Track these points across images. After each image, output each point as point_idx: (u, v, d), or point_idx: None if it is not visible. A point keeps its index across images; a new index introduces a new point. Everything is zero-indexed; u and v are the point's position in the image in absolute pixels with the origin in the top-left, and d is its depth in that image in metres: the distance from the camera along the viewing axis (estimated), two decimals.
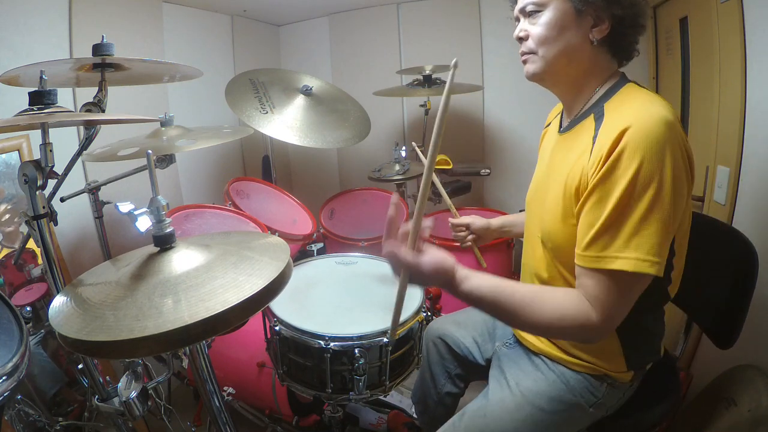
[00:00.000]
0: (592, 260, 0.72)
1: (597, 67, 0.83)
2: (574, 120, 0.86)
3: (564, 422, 0.91)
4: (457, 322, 1.20)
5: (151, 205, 0.71)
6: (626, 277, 0.70)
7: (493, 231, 1.24)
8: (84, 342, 0.58)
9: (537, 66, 0.83)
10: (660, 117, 0.68)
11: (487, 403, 0.95)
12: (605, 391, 0.89)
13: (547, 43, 0.80)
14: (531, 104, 2.30)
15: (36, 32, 1.47)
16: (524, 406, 0.91)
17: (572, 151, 0.81)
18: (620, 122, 0.70)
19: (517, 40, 0.85)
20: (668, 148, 0.68)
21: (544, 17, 0.80)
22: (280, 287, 0.69)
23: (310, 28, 2.75)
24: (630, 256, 0.69)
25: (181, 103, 2.07)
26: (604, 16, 0.77)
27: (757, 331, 0.97)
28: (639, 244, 0.68)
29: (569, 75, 0.84)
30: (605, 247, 0.70)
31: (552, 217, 0.83)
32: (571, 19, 0.78)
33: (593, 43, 0.80)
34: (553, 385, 0.91)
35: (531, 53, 0.83)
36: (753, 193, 1.22)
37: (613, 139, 0.69)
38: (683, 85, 1.66)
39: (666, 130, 0.68)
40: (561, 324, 0.74)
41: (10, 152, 1.43)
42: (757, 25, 1.17)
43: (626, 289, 0.72)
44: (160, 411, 1.12)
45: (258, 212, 1.66)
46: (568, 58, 0.81)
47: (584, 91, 0.85)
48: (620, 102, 0.78)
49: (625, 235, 0.69)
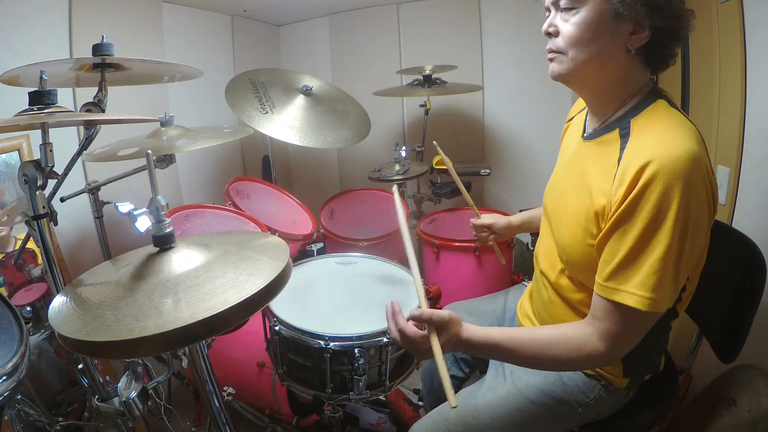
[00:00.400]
0: (610, 291, 0.72)
1: (629, 76, 0.77)
2: (599, 129, 0.83)
3: (550, 417, 0.91)
4: (468, 310, 1.21)
5: (151, 205, 0.71)
6: (639, 314, 0.70)
7: (515, 228, 1.25)
8: (84, 342, 0.58)
9: (564, 68, 0.77)
10: (685, 151, 0.66)
11: (481, 388, 0.98)
12: (597, 393, 0.89)
13: (579, 46, 0.74)
14: (531, 104, 2.31)
15: (36, 32, 1.47)
16: (514, 394, 0.92)
17: (596, 165, 0.79)
18: (645, 151, 0.68)
19: (545, 34, 0.79)
20: (691, 184, 0.65)
21: (580, 16, 0.73)
22: (279, 287, 0.69)
23: (310, 28, 2.75)
24: (645, 295, 0.68)
25: (181, 103, 2.07)
26: (645, 25, 0.71)
27: (758, 332, 0.97)
28: (656, 284, 0.68)
29: (598, 81, 0.79)
30: (624, 281, 0.70)
31: (569, 231, 0.82)
32: (609, 23, 0.72)
33: (630, 52, 0.74)
34: (546, 379, 0.92)
35: (559, 53, 0.77)
36: (753, 193, 1.22)
37: (637, 170, 0.67)
38: (683, 85, 1.65)
39: (691, 165, 0.65)
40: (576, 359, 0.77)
41: (10, 152, 1.43)
42: (757, 25, 1.17)
43: (636, 324, 0.73)
44: (160, 411, 1.13)
45: (258, 212, 1.66)
46: (600, 64, 0.75)
47: (612, 99, 0.80)
48: (648, 121, 0.74)
49: (644, 273, 0.68)
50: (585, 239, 0.78)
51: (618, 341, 0.74)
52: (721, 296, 0.99)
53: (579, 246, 0.80)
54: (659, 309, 0.69)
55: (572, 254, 0.82)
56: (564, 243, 0.85)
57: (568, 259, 0.84)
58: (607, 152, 0.77)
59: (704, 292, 0.83)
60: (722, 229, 1.08)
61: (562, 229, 0.85)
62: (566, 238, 0.83)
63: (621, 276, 0.71)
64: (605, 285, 0.73)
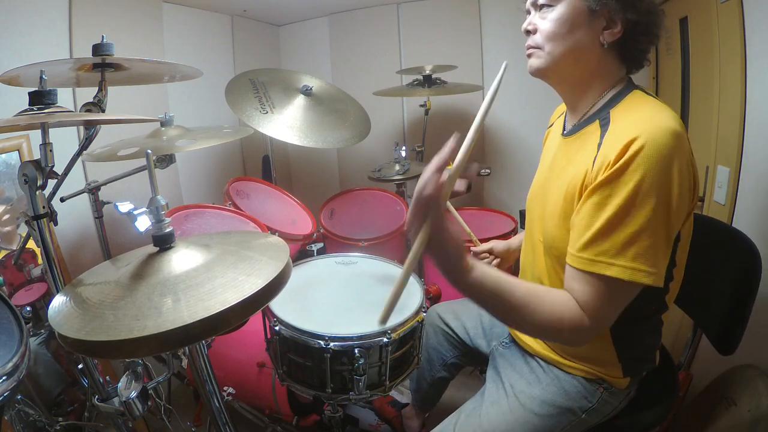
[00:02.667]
0: (587, 263, 0.71)
1: (604, 70, 0.80)
2: (579, 124, 0.85)
3: (556, 426, 0.90)
4: (454, 312, 1.23)
5: (151, 204, 0.71)
6: (620, 285, 0.69)
7: (515, 250, 1.22)
8: (83, 342, 0.58)
9: (541, 62, 0.80)
10: (668, 128, 0.67)
11: (482, 404, 0.96)
12: (600, 397, 0.89)
13: (555, 40, 0.78)
14: (531, 104, 2.31)
15: (36, 32, 1.47)
16: (517, 408, 0.91)
17: (575, 156, 0.80)
18: (627, 131, 0.69)
19: (524, 33, 0.83)
20: (675, 160, 0.67)
21: (556, 12, 0.77)
22: (279, 287, 0.69)
23: (310, 28, 2.75)
24: (626, 265, 0.67)
25: (181, 103, 2.06)
26: (618, 19, 0.75)
27: (757, 331, 0.97)
28: (637, 253, 0.67)
29: (574, 75, 0.82)
30: (602, 252, 0.69)
31: (554, 223, 0.82)
32: (583, 18, 0.76)
33: (603, 46, 0.77)
34: (547, 389, 0.91)
35: (537, 48, 0.81)
36: (753, 193, 1.22)
37: (620, 148, 0.68)
38: (683, 85, 1.65)
39: (674, 142, 0.67)
40: (557, 327, 0.72)
41: (10, 152, 1.43)
42: (757, 25, 1.17)
43: (618, 296, 0.71)
44: (160, 411, 1.13)
45: (258, 212, 1.66)
46: (575, 57, 0.79)
47: (589, 93, 0.83)
48: (626, 109, 0.76)
49: (623, 242, 0.68)
50: (566, 224, 0.78)
51: (600, 314, 0.71)
52: (720, 293, 0.99)
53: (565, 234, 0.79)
54: (641, 279, 0.68)
55: (561, 245, 0.81)
56: (551, 234, 0.84)
57: (559, 254, 0.82)
58: (587, 142, 0.78)
59: (702, 289, 0.84)
60: (722, 228, 1.09)
61: (548, 225, 0.85)
62: (552, 230, 0.83)
63: (599, 245, 0.69)
64: (580, 256, 0.71)
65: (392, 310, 0.63)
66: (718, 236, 1.05)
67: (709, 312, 1.04)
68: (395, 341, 1.02)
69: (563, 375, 0.91)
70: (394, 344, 1.03)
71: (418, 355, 1.16)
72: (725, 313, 0.98)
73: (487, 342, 1.14)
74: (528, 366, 0.97)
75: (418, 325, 1.10)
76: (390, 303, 0.63)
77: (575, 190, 0.76)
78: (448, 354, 1.24)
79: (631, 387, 0.91)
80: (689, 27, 1.58)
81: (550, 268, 0.88)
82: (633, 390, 0.92)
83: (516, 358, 1.00)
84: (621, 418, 0.93)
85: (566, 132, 0.89)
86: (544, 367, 0.95)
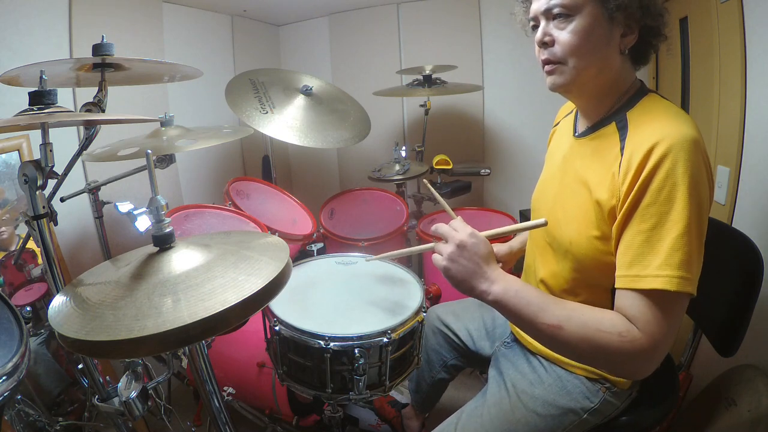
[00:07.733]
0: (633, 280, 0.68)
1: (621, 77, 0.79)
2: (594, 126, 0.83)
3: (558, 427, 0.90)
4: (455, 313, 1.23)
5: (151, 204, 0.71)
6: (668, 297, 0.66)
7: (516, 252, 1.21)
8: (83, 342, 0.58)
9: (566, 78, 0.76)
10: (689, 132, 0.67)
11: (484, 404, 0.96)
12: (602, 397, 0.89)
13: (580, 54, 0.74)
14: (531, 104, 2.31)
15: (36, 32, 1.47)
16: (519, 408, 0.91)
17: (595, 158, 0.79)
18: (650, 136, 0.68)
19: (539, 44, 0.79)
20: (699, 163, 0.67)
21: (577, 24, 0.73)
22: (279, 287, 0.69)
23: (310, 28, 2.75)
24: (672, 275, 0.65)
25: (181, 103, 2.06)
26: (635, 26, 0.74)
27: (758, 331, 0.97)
28: (681, 261, 0.65)
29: (596, 86, 0.79)
30: (646, 265, 0.67)
31: (573, 228, 0.81)
32: (603, 27, 0.73)
33: (623, 53, 0.76)
34: (549, 389, 0.91)
35: (559, 63, 0.76)
36: (753, 193, 1.22)
37: (645, 152, 0.67)
38: (683, 85, 1.65)
39: (696, 147, 0.67)
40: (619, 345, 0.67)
41: (10, 152, 1.43)
42: (757, 25, 1.17)
43: (669, 309, 0.67)
44: (160, 411, 1.12)
45: (258, 212, 1.66)
46: (599, 68, 0.76)
47: (606, 100, 0.82)
48: (644, 112, 0.75)
49: (666, 252, 0.66)
50: (589, 231, 0.78)
51: (654, 330, 0.67)
52: (720, 294, 0.99)
53: (585, 241, 0.79)
54: (689, 288, 0.66)
55: (578, 251, 0.81)
56: (569, 240, 0.82)
57: (574, 256, 0.82)
58: (606, 145, 0.78)
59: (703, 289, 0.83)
60: (722, 228, 1.09)
61: (564, 228, 0.84)
62: (571, 234, 0.82)
63: (642, 261, 0.67)
64: (627, 276, 0.69)
65: (387, 258, 0.68)
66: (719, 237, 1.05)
67: (709, 314, 1.04)
68: (395, 341, 1.02)
69: (565, 374, 0.91)
70: (394, 344, 1.03)
71: (418, 356, 1.16)
72: (726, 315, 0.97)
73: (490, 343, 1.14)
74: (530, 365, 0.97)
75: (417, 326, 1.10)
76: (392, 254, 0.69)
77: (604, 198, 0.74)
78: (449, 355, 1.24)
79: (633, 387, 0.91)
80: (689, 27, 1.58)
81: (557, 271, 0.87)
82: (635, 390, 0.92)
83: (518, 358, 1.00)
84: (621, 418, 0.93)
85: (579, 133, 0.88)
86: (546, 366, 0.94)
